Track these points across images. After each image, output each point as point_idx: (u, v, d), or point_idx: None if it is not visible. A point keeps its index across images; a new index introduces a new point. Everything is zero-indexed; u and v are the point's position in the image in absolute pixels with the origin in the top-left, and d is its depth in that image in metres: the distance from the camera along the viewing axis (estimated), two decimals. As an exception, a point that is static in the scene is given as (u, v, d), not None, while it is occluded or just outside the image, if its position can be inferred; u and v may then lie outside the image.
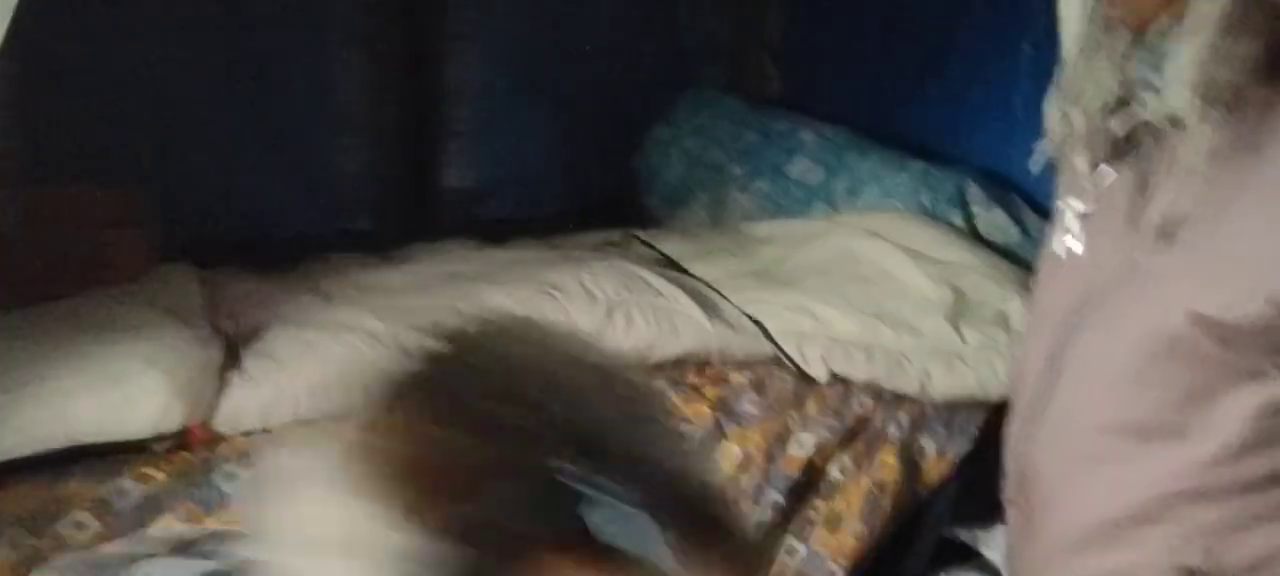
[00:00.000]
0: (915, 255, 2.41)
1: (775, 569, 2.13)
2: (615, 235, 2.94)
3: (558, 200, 3.57)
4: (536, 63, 3.49)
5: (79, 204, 2.34)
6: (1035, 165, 1.25)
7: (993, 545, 2.39)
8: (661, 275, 2.43)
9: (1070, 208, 1.17)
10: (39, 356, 1.74)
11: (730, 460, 2.12)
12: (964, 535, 2.45)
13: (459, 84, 3.47)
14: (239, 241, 2.87)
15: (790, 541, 2.15)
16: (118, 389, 1.72)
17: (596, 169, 3.62)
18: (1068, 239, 1.16)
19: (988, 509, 2.36)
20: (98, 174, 2.54)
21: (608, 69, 3.56)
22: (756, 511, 2.11)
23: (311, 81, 3.21)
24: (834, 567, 2.15)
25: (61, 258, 2.18)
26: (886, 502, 2.19)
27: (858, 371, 2.22)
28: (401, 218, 3.38)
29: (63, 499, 1.68)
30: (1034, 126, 2.57)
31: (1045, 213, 2.54)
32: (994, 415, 2.11)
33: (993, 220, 2.56)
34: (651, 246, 2.79)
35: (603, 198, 3.57)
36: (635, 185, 3.50)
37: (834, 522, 2.17)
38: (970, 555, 2.44)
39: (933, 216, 2.60)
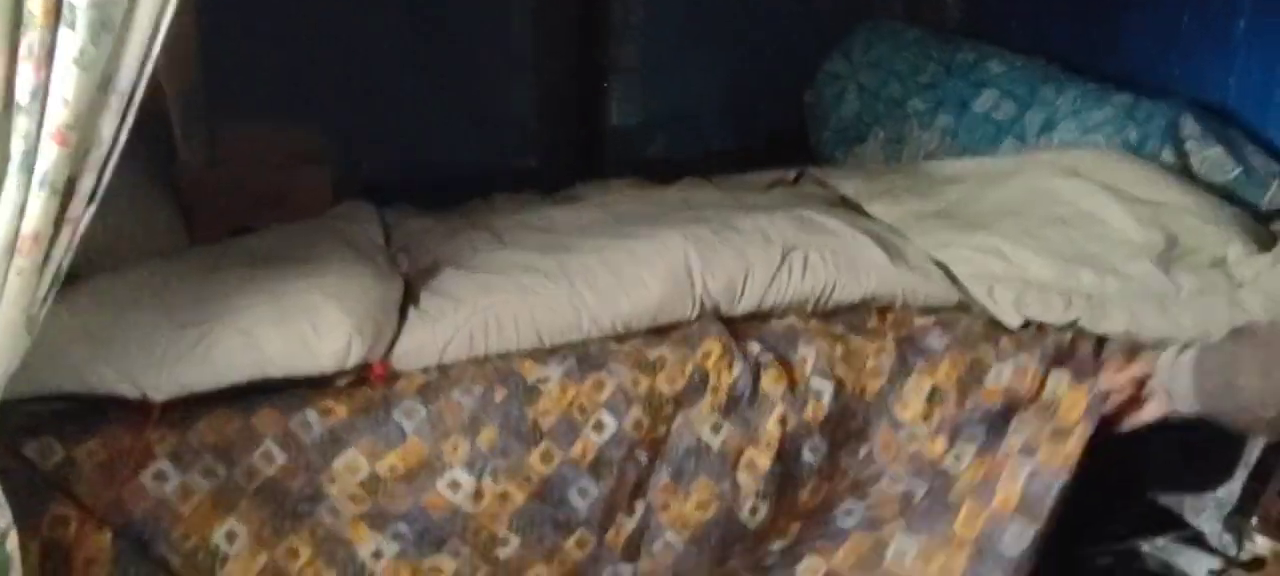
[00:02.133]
0: (1120, 195, 2.21)
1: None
2: (788, 173, 2.83)
3: (725, 139, 3.50)
4: (705, -2, 3.41)
5: (261, 141, 2.39)
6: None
7: (1202, 515, 2.22)
8: (839, 217, 2.32)
9: None
10: (227, 291, 1.76)
11: (919, 395, 2.00)
12: (1170, 501, 2.29)
13: (625, 21, 3.42)
14: (409, 178, 2.91)
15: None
16: (303, 323, 1.73)
17: (766, 106, 3.53)
18: None
19: (1197, 476, 2.21)
20: (278, 112, 2.59)
21: (778, 1, 3.43)
22: (956, 448, 1.96)
23: (482, 20, 3.21)
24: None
25: (245, 193, 2.23)
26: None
27: (1054, 316, 2.05)
28: (567, 156, 3.36)
29: (253, 431, 1.70)
30: (1259, 53, 2.36)
31: (1270, 149, 2.32)
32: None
33: (1210, 157, 2.33)
34: (827, 185, 2.68)
35: (772, 136, 3.47)
36: (807, 122, 3.38)
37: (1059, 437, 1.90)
38: (1178, 524, 2.28)
39: (1140, 154, 2.39)
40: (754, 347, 2.01)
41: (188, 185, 2.20)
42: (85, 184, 1.23)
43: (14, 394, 1.34)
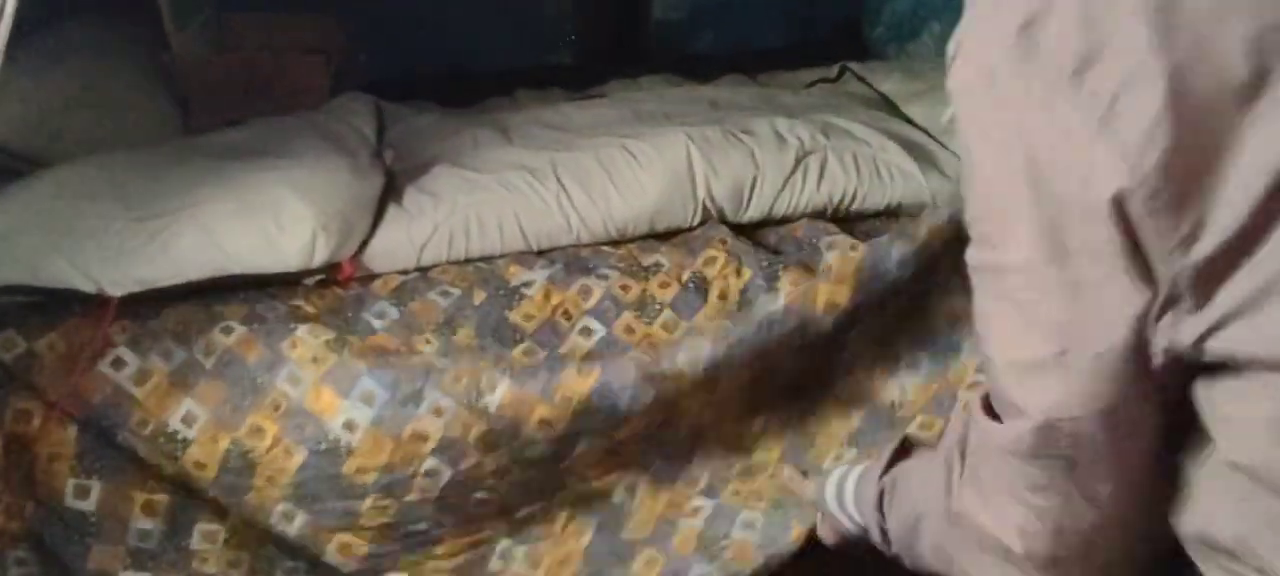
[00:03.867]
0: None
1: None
2: (831, 71, 2.66)
3: (774, 35, 3.27)
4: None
5: (268, 30, 2.30)
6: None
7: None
8: (867, 123, 2.15)
9: None
10: (189, 184, 1.68)
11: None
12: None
13: (671, -94, 3.21)
14: (434, 74, 2.79)
15: None
16: (265, 218, 1.64)
17: (817, 0, 3.29)
18: None
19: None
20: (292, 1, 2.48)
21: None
22: None
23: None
24: None
25: (244, 85, 2.15)
26: None
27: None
28: (606, 52, 3.19)
29: (215, 315, 1.62)
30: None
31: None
32: None
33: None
34: (867, 82, 2.50)
35: (824, 32, 3.25)
36: (859, 18, 3.15)
37: None
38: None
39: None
40: (765, 254, 1.87)
41: (184, 75, 2.12)
42: (-27, 59, 1.15)
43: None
